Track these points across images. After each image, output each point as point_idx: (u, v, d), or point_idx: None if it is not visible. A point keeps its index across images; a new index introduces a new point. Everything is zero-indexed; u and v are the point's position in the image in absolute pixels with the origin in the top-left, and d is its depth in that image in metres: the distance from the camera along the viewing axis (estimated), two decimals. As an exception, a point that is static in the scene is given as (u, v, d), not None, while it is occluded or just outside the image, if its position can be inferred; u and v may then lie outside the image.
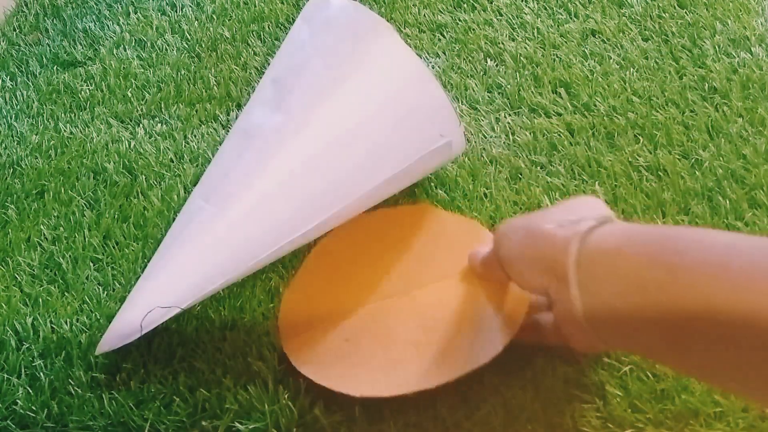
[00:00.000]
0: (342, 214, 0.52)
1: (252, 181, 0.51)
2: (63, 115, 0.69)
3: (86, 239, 0.57)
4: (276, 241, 0.50)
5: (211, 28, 0.78)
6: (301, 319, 0.51)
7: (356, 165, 0.52)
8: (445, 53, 0.73)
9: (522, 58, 0.71)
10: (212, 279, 0.48)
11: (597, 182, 0.59)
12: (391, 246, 0.55)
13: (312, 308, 0.51)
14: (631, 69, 0.69)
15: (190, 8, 0.80)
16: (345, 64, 0.54)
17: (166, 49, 0.75)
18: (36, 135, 0.67)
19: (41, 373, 0.49)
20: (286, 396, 0.47)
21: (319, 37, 0.57)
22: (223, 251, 0.49)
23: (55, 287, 0.54)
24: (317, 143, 0.52)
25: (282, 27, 0.78)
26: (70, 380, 0.48)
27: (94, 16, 0.81)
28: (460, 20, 0.76)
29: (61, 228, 0.59)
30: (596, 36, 0.73)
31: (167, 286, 0.48)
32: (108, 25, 0.79)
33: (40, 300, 0.53)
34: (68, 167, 0.64)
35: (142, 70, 0.73)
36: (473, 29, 0.75)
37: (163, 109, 0.69)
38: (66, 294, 0.54)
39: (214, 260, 0.49)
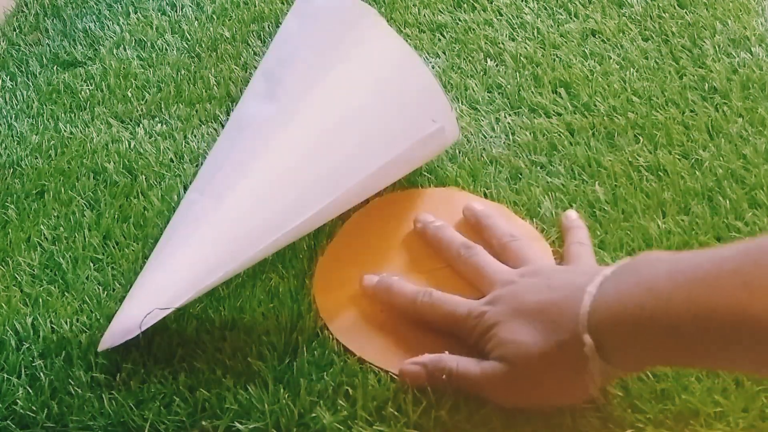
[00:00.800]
0: (340, 202, 0.52)
1: (246, 170, 0.51)
2: (63, 115, 0.69)
3: (86, 239, 0.57)
4: (274, 229, 0.50)
5: (211, 28, 0.78)
6: (336, 289, 0.52)
7: (349, 152, 0.52)
8: (445, 53, 0.73)
9: (522, 58, 0.71)
10: (212, 270, 0.48)
11: (597, 182, 0.59)
12: None
13: (346, 280, 0.53)
14: (631, 69, 0.69)
15: (190, 8, 0.80)
16: (333, 51, 0.54)
17: (166, 49, 0.75)
18: (36, 135, 0.67)
19: (41, 373, 0.49)
20: (286, 396, 0.47)
21: (307, 28, 0.57)
22: (221, 242, 0.49)
23: (55, 287, 0.54)
24: (309, 132, 0.52)
25: (282, 27, 0.78)
26: (70, 380, 0.48)
27: (94, 16, 0.80)
28: (460, 20, 0.76)
29: (61, 228, 0.59)
30: (596, 36, 0.73)
31: (167, 281, 0.48)
32: (108, 25, 0.79)
33: (40, 300, 0.53)
34: (68, 167, 0.64)
35: (142, 70, 0.73)
36: (473, 29, 0.75)
37: (163, 109, 0.69)
38: (66, 294, 0.54)
39: (212, 251, 0.49)
